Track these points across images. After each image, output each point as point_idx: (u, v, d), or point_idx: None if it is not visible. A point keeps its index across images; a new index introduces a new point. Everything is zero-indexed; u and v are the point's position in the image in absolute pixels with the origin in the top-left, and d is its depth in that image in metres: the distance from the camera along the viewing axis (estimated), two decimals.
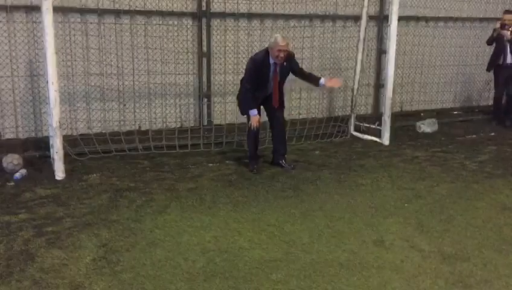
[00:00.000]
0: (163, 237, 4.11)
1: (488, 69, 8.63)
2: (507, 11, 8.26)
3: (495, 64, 8.36)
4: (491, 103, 8.69)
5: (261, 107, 5.90)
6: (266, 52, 5.66)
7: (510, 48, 8.18)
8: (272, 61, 5.63)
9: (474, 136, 7.97)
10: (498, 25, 8.16)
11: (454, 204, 4.98)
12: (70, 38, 6.70)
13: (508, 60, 8.22)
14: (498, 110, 8.68)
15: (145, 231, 4.22)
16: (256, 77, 5.64)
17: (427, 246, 4.04)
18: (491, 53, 8.49)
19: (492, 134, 8.10)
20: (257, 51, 6.17)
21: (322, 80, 5.91)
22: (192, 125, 7.52)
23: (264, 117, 6.05)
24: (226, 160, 6.32)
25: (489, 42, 8.44)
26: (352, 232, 4.29)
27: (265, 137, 6.62)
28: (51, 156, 5.60)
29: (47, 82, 5.28)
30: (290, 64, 5.76)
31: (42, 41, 5.36)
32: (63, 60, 6.59)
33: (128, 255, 3.78)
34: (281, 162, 6.00)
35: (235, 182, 5.51)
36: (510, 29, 8.08)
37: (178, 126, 7.45)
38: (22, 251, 3.82)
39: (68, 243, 3.96)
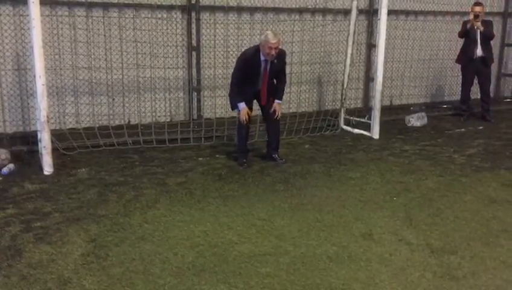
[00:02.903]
0: (152, 231, 4.10)
1: (457, 61, 8.59)
2: (476, 3, 8.15)
3: (467, 57, 8.28)
4: (480, 96, 8.71)
5: (254, 101, 5.88)
6: (257, 48, 5.61)
7: (481, 40, 8.15)
8: (262, 58, 5.57)
9: (462, 129, 8.03)
10: (471, 16, 8.05)
11: (442, 197, 5.02)
12: (57, 32, 6.63)
13: (479, 53, 8.21)
14: (465, 106, 8.67)
15: (134, 225, 4.20)
16: (245, 73, 5.61)
17: (415, 239, 4.07)
18: (462, 46, 8.44)
19: (481, 128, 8.16)
20: (248, 46, 6.16)
21: (276, 101, 5.80)
22: (182, 119, 7.50)
23: (256, 111, 6.05)
24: (216, 154, 6.31)
25: (462, 35, 8.34)
26: (341, 225, 4.31)
27: (255, 131, 6.62)
28: (39, 150, 5.55)
29: (34, 76, 5.23)
30: (280, 62, 5.70)
31: (29, 34, 5.30)
32: (50, 54, 6.53)
33: (117, 250, 3.77)
34: (273, 155, 6.00)
35: (225, 176, 5.51)
36: (479, 21, 8.03)
37: (168, 120, 7.42)
38: (10, 246, 3.79)
39: (56, 238, 3.94)
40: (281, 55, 5.65)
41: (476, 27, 8.07)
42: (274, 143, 6.03)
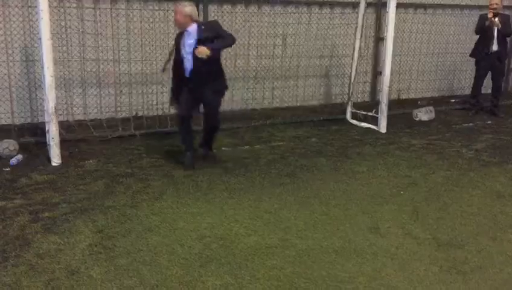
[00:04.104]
0: (159, 223, 4.12)
1: (472, 55, 8.48)
2: None
3: (483, 52, 8.19)
4: (488, 91, 8.65)
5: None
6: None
7: (497, 36, 8.07)
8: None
9: (470, 124, 7.98)
10: (491, 15, 7.94)
11: (449, 192, 5.00)
12: (65, 24, 6.64)
13: (494, 48, 8.14)
14: (475, 100, 8.58)
15: (141, 217, 4.22)
16: (176, 51, 5.27)
17: (422, 233, 4.06)
18: (477, 40, 8.32)
19: (489, 122, 8.11)
20: (257, 38, 6.10)
21: (208, 45, 5.00)
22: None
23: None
24: (222, 147, 6.31)
25: (479, 31, 8.22)
26: (348, 219, 4.30)
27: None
28: (47, 141, 5.58)
29: (42, 67, 5.24)
30: (210, 30, 5.11)
31: (37, 26, 5.31)
32: (58, 46, 6.55)
33: (124, 241, 3.79)
34: (207, 153, 5.68)
35: (231, 168, 5.52)
36: (497, 17, 7.92)
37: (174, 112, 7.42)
38: (18, 236, 3.82)
39: (64, 228, 3.97)
40: (210, 24, 5.41)
41: (494, 25, 7.96)
42: (207, 140, 5.61)
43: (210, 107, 5.37)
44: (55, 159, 5.42)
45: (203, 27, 5.15)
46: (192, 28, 5.12)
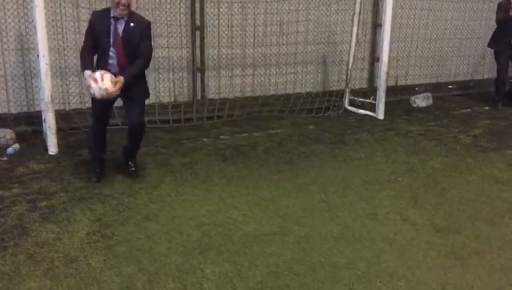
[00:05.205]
0: (157, 211, 4.11)
1: (491, 46, 8.25)
2: None
3: (504, 42, 7.89)
4: (486, 76, 8.61)
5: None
6: (107, 8, 4.51)
7: None
8: (112, 14, 4.37)
9: (468, 110, 7.98)
10: None
11: (447, 177, 5.01)
12: (61, 11, 6.57)
13: None
14: (500, 91, 8.21)
15: (139, 205, 4.22)
16: (93, 35, 4.42)
17: (420, 219, 4.07)
18: (496, 30, 8.11)
19: (486, 108, 8.11)
20: (253, 25, 6.05)
21: (120, 77, 4.29)
22: (186, 99, 7.46)
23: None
24: (220, 135, 6.30)
25: (501, 20, 7.89)
26: (346, 205, 4.31)
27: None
28: (44, 130, 5.55)
29: (38, 55, 5.20)
30: (140, 27, 4.42)
31: (32, 14, 5.25)
32: (53, 34, 6.48)
33: (122, 229, 3.79)
34: (130, 163, 4.82)
35: (229, 156, 5.51)
36: None
37: (172, 100, 7.40)
38: (16, 225, 3.82)
39: (62, 217, 3.96)
40: (142, 21, 4.50)
41: None
42: (130, 148, 4.80)
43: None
44: (52, 148, 5.40)
45: (132, 24, 4.40)
46: (125, 19, 4.39)
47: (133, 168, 4.82)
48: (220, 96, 7.50)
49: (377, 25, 8.45)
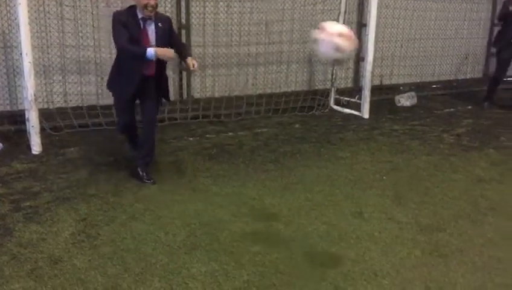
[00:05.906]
0: (143, 211, 4.09)
1: (495, 46, 8.24)
2: None
3: (506, 40, 7.82)
4: (469, 76, 8.70)
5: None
6: (129, 7, 4.44)
7: None
8: (140, 15, 4.36)
9: (452, 109, 8.07)
10: None
11: (431, 176, 5.06)
12: (44, 8, 6.49)
13: None
14: (492, 92, 8.21)
15: (124, 205, 4.19)
16: (126, 30, 4.31)
17: (405, 218, 4.11)
18: (500, 29, 8.09)
19: (469, 107, 8.21)
20: (238, 25, 6.04)
21: (188, 59, 4.63)
22: (172, 98, 7.42)
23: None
24: (206, 134, 6.28)
25: (502, 17, 7.87)
26: (332, 204, 4.33)
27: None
28: (27, 130, 5.48)
29: (21, 54, 5.13)
30: (166, 24, 4.53)
31: (15, 11, 5.18)
32: (37, 31, 6.39)
33: (107, 229, 3.76)
34: (139, 169, 4.70)
35: (215, 155, 5.50)
36: None
37: None
38: (0, 225, 3.78)
39: (46, 217, 3.92)
40: (166, 18, 4.60)
41: None
42: (144, 155, 4.71)
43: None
44: (36, 148, 5.33)
45: (160, 24, 4.48)
46: (152, 19, 4.45)
47: (148, 180, 4.66)
48: (205, 95, 7.47)
49: (362, 25, 8.50)
